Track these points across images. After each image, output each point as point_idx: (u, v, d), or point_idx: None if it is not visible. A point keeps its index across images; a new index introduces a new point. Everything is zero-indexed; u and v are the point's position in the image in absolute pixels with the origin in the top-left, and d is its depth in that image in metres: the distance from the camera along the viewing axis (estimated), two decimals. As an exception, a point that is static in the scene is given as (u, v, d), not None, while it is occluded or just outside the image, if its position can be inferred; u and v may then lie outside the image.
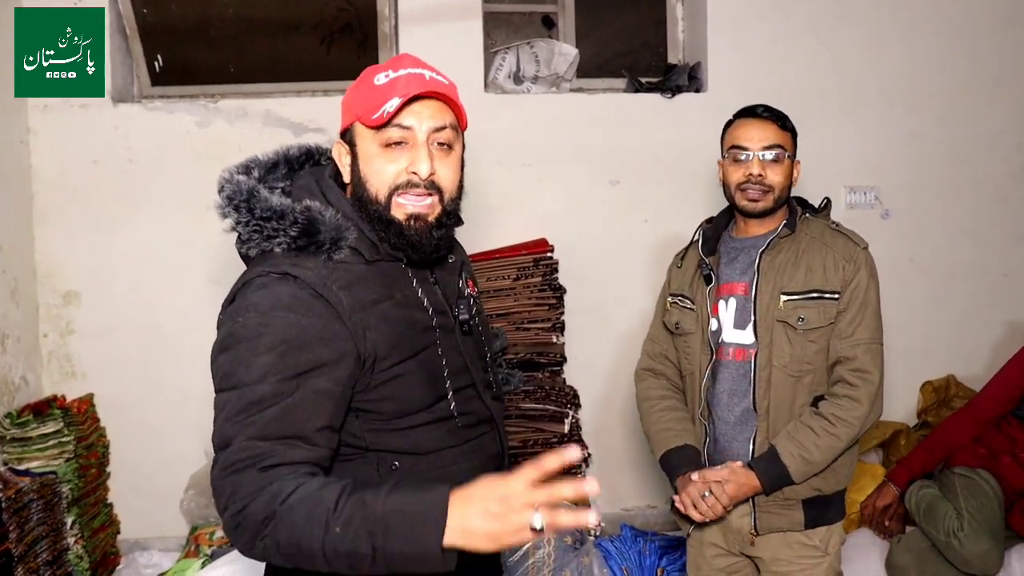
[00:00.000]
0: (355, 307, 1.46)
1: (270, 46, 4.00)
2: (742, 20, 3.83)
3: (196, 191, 3.66)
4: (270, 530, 1.30)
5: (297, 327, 1.41)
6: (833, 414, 2.12)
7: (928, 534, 2.95)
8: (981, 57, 3.93)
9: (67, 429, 3.37)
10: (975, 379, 3.84)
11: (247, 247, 1.54)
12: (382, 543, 1.23)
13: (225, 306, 1.51)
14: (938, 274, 3.98)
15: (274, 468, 1.34)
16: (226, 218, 1.53)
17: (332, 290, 1.45)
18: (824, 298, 2.15)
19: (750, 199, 2.21)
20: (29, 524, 3.06)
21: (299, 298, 1.43)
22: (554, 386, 3.60)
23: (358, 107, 1.54)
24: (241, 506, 1.32)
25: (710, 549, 2.33)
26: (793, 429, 2.14)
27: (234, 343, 1.43)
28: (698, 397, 2.28)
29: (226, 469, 1.36)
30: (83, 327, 3.70)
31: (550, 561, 2.90)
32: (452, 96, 1.53)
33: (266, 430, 1.36)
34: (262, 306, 1.42)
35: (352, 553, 1.25)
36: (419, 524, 1.23)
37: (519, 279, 3.60)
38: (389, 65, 1.56)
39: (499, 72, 3.94)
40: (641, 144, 3.81)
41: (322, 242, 1.48)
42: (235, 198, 1.52)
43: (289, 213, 1.48)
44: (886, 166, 3.92)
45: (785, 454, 2.12)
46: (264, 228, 1.49)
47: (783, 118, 2.25)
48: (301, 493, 1.30)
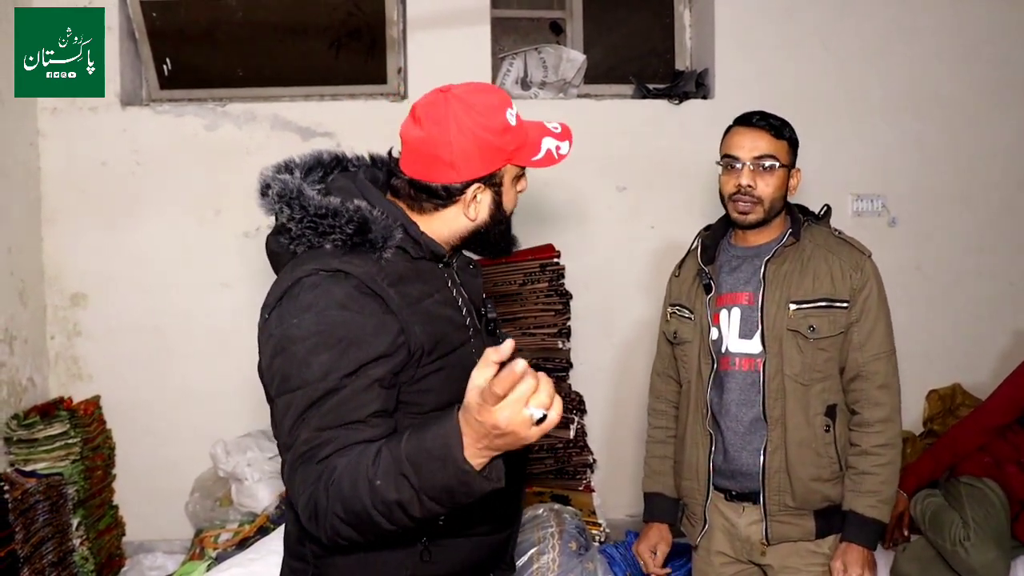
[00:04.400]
0: (403, 303, 1.49)
1: (278, 50, 4.02)
2: (750, 27, 3.83)
3: (204, 194, 3.69)
4: (329, 508, 1.32)
5: (354, 324, 1.43)
6: (877, 445, 2.14)
7: (933, 543, 2.94)
8: (988, 65, 3.93)
9: (73, 431, 3.39)
10: (981, 387, 3.83)
11: (296, 244, 1.54)
12: (418, 481, 1.25)
13: (271, 306, 1.51)
14: (944, 282, 3.98)
15: (332, 456, 1.36)
16: (277, 215, 1.56)
17: (383, 287, 1.47)
18: (834, 307, 2.14)
19: (740, 211, 2.18)
20: (35, 525, 3.06)
21: (352, 296, 1.45)
22: (560, 391, 3.59)
23: (508, 144, 1.59)
24: (307, 497, 1.36)
25: (718, 558, 2.32)
26: (855, 482, 2.16)
27: (290, 344, 1.44)
28: (702, 407, 2.27)
29: (293, 466, 1.40)
30: (90, 329, 3.72)
31: (555, 567, 2.89)
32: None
33: (324, 421, 1.39)
34: (317, 305, 1.44)
35: (400, 501, 1.27)
36: (442, 450, 1.23)
37: (525, 284, 3.60)
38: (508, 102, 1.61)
39: (507, 77, 3.95)
40: (648, 150, 3.81)
41: (375, 240, 1.50)
42: (285, 195, 1.53)
43: (343, 212, 1.50)
44: (893, 174, 3.92)
45: (867, 509, 2.14)
46: (320, 225, 1.50)
47: (779, 127, 2.20)
48: (343, 463, 1.33)
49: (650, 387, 2.55)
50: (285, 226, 1.55)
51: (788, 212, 2.27)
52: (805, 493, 2.16)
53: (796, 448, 2.15)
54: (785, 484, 2.16)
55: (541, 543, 2.96)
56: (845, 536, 2.17)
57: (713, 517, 2.29)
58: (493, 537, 1.67)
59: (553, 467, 3.57)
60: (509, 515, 1.71)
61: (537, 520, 3.09)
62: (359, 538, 1.36)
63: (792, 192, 2.24)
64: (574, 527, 3.08)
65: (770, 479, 2.16)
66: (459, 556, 1.60)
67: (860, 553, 2.15)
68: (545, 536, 2.99)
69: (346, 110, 3.70)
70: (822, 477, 2.16)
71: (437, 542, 1.56)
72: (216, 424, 3.63)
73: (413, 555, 1.53)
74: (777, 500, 2.17)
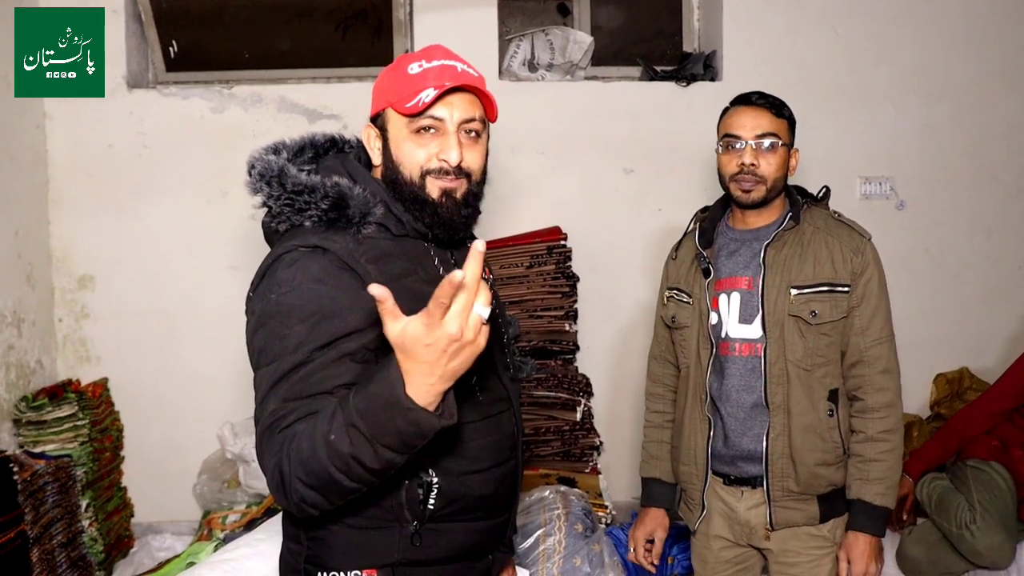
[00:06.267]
0: (382, 280, 1.47)
1: (285, 32, 4.01)
2: (758, 9, 3.81)
3: (211, 176, 3.69)
4: (292, 473, 1.33)
5: (328, 298, 1.44)
6: (883, 431, 2.14)
7: (940, 526, 2.95)
8: (996, 48, 3.90)
9: (82, 413, 3.40)
10: (989, 371, 3.83)
11: (277, 221, 1.58)
12: (368, 429, 1.24)
13: (255, 285, 1.55)
14: (952, 265, 3.96)
15: (296, 423, 1.37)
16: (257, 193, 1.58)
17: (360, 263, 1.48)
18: (836, 291, 2.13)
19: (743, 190, 2.17)
20: (44, 506, 3.09)
21: (328, 270, 1.46)
22: (567, 374, 3.60)
23: (392, 94, 1.59)
24: (273, 466, 1.36)
25: (716, 542, 2.31)
26: (860, 471, 2.15)
27: (268, 319, 1.46)
28: (702, 391, 2.27)
29: (260, 439, 1.41)
30: (98, 311, 3.73)
31: (560, 548, 2.90)
32: (482, 88, 1.59)
33: (291, 392, 1.40)
34: (294, 280, 1.46)
35: (355, 454, 1.26)
36: (386, 393, 1.22)
37: (532, 267, 3.60)
38: (422, 55, 1.61)
39: (513, 60, 3.93)
40: (655, 133, 3.80)
41: (352, 216, 1.52)
42: (266, 174, 1.56)
43: (320, 188, 1.53)
44: (901, 157, 3.90)
45: (876, 497, 2.13)
46: (296, 201, 1.53)
47: (779, 105, 2.20)
48: (303, 427, 1.34)
49: (647, 371, 2.54)
50: (266, 204, 1.58)
51: (787, 195, 2.26)
52: (809, 478, 2.15)
53: (801, 433, 2.14)
54: (789, 469, 2.15)
55: (547, 525, 2.98)
56: (853, 525, 2.16)
57: (712, 502, 2.29)
58: (488, 522, 1.66)
59: (560, 449, 3.58)
60: (505, 500, 1.71)
61: (543, 502, 3.10)
62: (325, 503, 1.36)
63: (792, 172, 2.23)
64: (580, 509, 3.09)
65: (773, 465, 2.16)
66: (452, 541, 1.59)
67: (869, 543, 2.14)
68: (551, 518, 3.00)
69: (353, 92, 3.69)
70: (827, 462, 2.15)
71: (429, 526, 1.55)
72: (223, 406, 3.64)
73: (404, 539, 1.53)
74: (781, 486, 2.16)
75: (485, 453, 1.61)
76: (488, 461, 1.61)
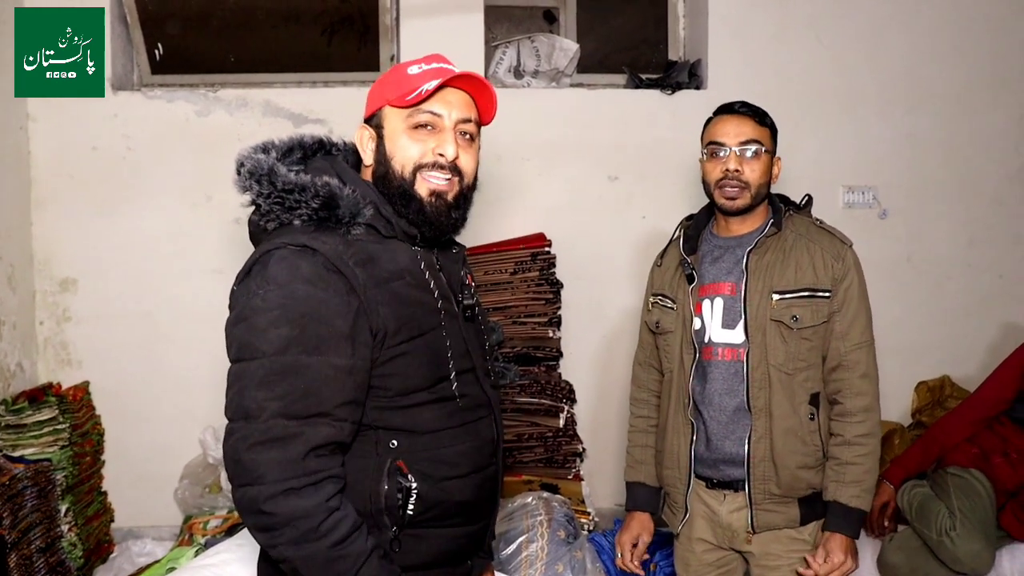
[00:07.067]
0: (369, 283, 1.50)
1: (271, 36, 4.01)
2: (743, 18, 3.83)
3: (195, 180, 3.68)
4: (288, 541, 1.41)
5: (316, 300, 1.44)
6: (860, 435, 2.16)
7: (920, 533, 2.96)
8: (980, 58, 3.94)
9: (62, 416, 3.38)
10: (970, 380, 3.85)
11: (266, 220, 1.57)
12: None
13: (240, 279, 1.54)
14: (934, 274, 3.99)
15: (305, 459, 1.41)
16: (246, 191, 1.58)
17: (348, 265, 1.48)
18: (817, 296, 2.16)
19: (727, 196, 2.20)
20: (23, 511, 3.05)
21: (319, 272, 1.46)
22: (550, 380, 3.60)
23: (390, 92, 1.62)
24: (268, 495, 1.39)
25: (699, 545, 2.33)
26: (837, 473, 2.17)
27: (252, 314, 1.46)
28: (685, 396, 2.28)
29: (247, 441, 1.42)
30: (80, 314, 3.70)
31: (543, 555, 2.90)
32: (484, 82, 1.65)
33: (291, 408, 1.41)
34: (281, 278, 1.45)
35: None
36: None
37: (516, 273, 3.60)
38: (422, 60, 1.65)
39: (499, 66, 3.94)
40: (640, 140, 3.81)
41: (341, 216, 1.53)
42: (256, 172, 1.56)
43: (310, 187, 1.53)
44: (884, 166, 3.92)
45: (851, 499, 2.15)
46: (286, 200, 1.53)
47: (762, 114, 2.24)
48: (334, 537, 1.42)
49: (632, 376, 2.56)
50: (255, 202, 1.58)
51: (770, 202, 2.30)
52: (790, 481, 2.17)
53: (782, 437, 2.16)
54: (770, 472, 2.17)
55: (530, 531, 2.97)
56: (828, 526, 2.19)
57: (694, 505, 2.31)
58: (467, 528, 1.67)
59: (543, 456, 3.57)
60: (485, 506, 1.71)
61: (526, 508, 3.10)
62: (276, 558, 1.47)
63: (775, 180, 2.27)
64: (563, 515, 3.09)
65: (755, 468, 2.18)
66: (431, 547, 1.60)
67: (843, 541, 2.16)
68: (534, 524, 3.00)
69: (338, 97, 3.69)
70: (807, 465, 2.18)
71: (408, 532, 1.56)
72: (205, 410, 3.62)
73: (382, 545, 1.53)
74: (762, 489, 2.18)
75: (464, 459, 1.61)
76: (467, 467, 1.62)
